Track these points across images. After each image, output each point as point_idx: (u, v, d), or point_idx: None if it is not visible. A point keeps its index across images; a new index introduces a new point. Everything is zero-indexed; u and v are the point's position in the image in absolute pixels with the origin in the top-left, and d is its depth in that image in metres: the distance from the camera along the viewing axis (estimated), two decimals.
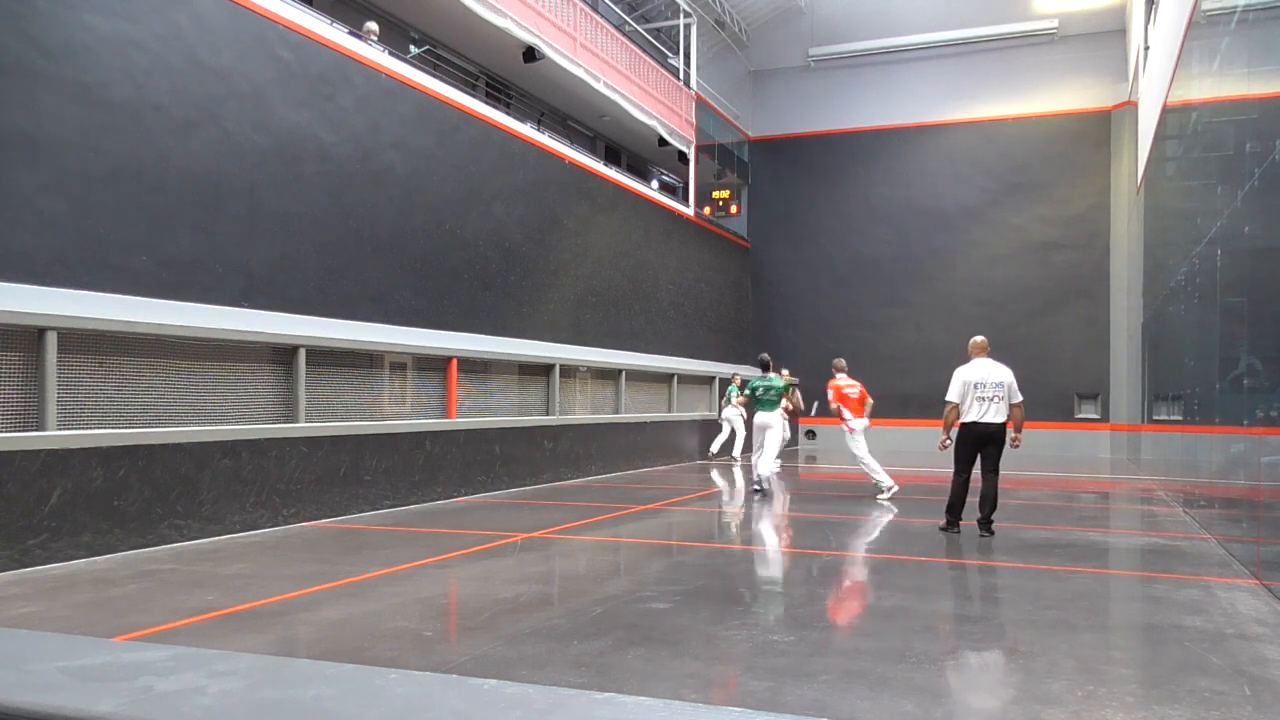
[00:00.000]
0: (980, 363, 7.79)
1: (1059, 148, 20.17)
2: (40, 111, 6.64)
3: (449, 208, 11.24)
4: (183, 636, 4.28)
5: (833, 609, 4.98)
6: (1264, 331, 6.12)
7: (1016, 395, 7.68)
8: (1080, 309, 19.92)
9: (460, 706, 0.86)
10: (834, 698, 3.48)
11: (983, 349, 7.89)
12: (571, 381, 12.93)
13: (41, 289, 6.53)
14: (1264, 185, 5.91)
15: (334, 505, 8.22)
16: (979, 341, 7.95)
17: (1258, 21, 6.49)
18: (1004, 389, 7.62)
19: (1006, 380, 7.66)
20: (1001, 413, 7.61)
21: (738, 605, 5.28)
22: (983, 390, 7.62)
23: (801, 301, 22.29)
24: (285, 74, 8.82)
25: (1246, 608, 5.10)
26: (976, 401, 7.64)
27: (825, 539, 7.99)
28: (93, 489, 6.12)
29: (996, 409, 7.60)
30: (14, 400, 5.92)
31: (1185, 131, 10.45)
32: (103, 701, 0.86)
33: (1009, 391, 7.63)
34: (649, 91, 17.58)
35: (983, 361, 7.80)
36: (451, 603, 5.36)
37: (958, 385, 7.74)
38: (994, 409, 7.60)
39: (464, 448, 10.09)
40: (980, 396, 7.63)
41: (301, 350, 8.03)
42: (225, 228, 8.13)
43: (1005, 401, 7.61)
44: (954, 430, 7.86)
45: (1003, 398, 7.60)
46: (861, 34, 21.81)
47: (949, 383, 7.85)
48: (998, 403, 7.60)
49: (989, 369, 7.72)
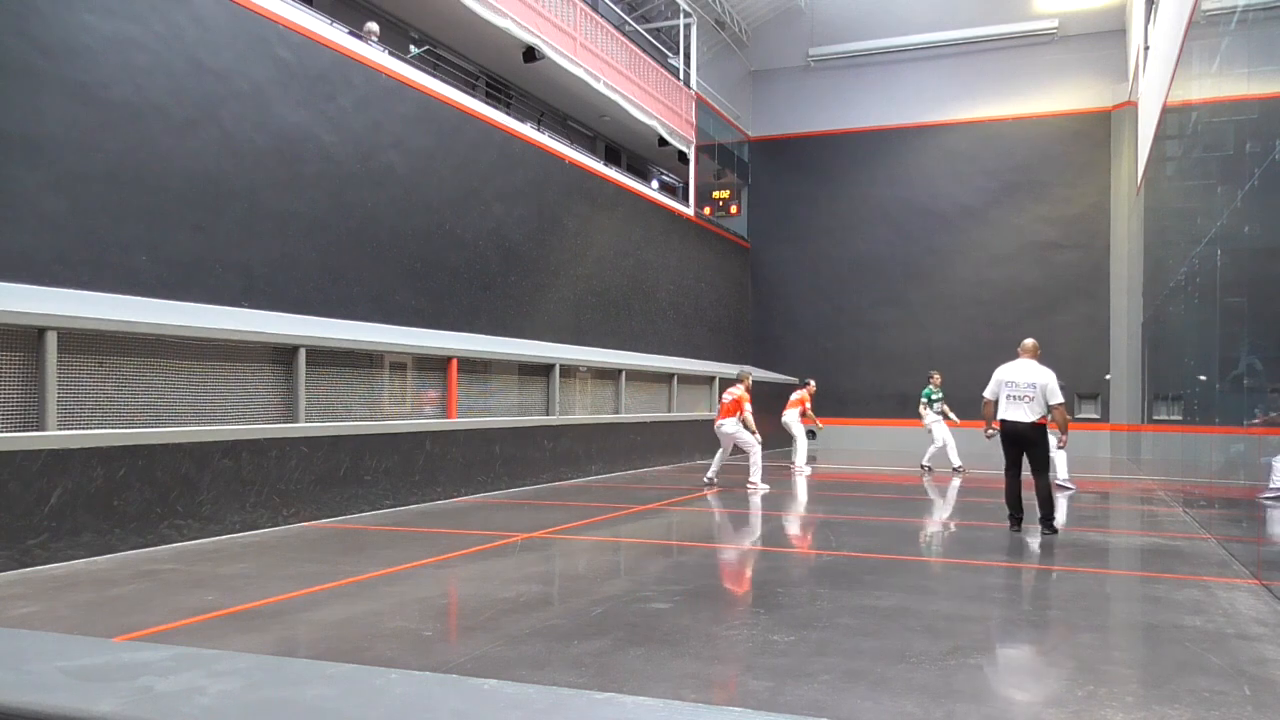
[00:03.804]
0: (1020, 362, 7.93)
1: (1059, 148, 20.17)
2: (40, 111, 6.65)
3: (449, 208, 11.24)
4: (183, 636, 4.27)
5: (833, 609, 4.98)
6: (1264, 331, 6.12)
7: (1055, 397, 7.73)
8: (1080, 309, 19.92)
9: (460, 706, 0.86)
10: (834, 698, 3.48)
11: (1030, 351, 8.03)
12: (571, 381, 12.93)
13: (41, 289, 6.53)
14: (1264, 185, 5.91)
15: (334, 505, 8.22)
16: (1028, 344, 8.10)
17: (1258, 21, 6.49)
18: (1036, 390, 7.70)
19: (1040, 381, 7.73)
20: (1032, 413, 7.70)
21: (738, 605, 5.28)
22: (1013, 389, 7.76)
23: (801, 301, 22.29)
24: (285, 74, 8.82)
25: (1246, 608, 5.10)
26: (1007, 400, 7.79)
27: (825, 539, 7.99)
28: (93, 489, 6.12)
29: (1027, 409, 7.70)
30: (14, 400, 5.92)
31: (1185, 131, 10.45)
32: (103, 701, 0.86)
33: (1042, 393, 7.70)
34: (649, 91, 17.58)
35: (1023, 361, 7.93)
36: (451, 603, 5.36)
37: (993, 382, 7.93)
38: (1024, 408, 7.71)
39: (464, 448, 10.09)
40: (1011, 395, 7.77)
41: (301, 350, 8.03)
42: (225, 228, 8.13)
43: (1037, 402, 7.70)
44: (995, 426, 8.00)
45: (1034, 398, 7.69)
46: (861, 34, 21.81)
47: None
48: (1028, 403, 7.70)
49: (1025, 369, 7.84)
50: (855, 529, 8.40)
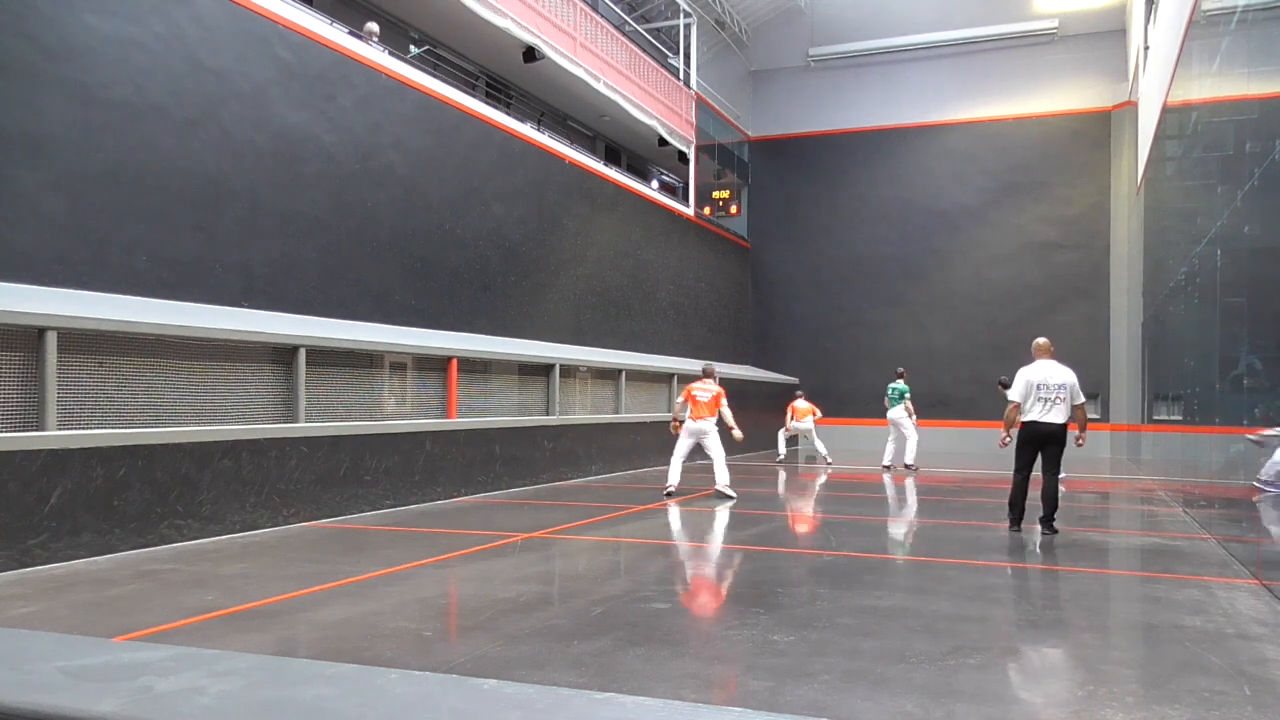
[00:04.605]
0: (1044, 363, 7.90)
1: (1059, 148, 20.17)
2: (40, 111, 6.65)
3: (449, 208, 11.24)
4: (183, 636, 4.27)
5: (832, 609, 4.98)
6: (1264, 331, 6.12)
7: (1079, 396, 7.78)
8: (1080, 309, 19.92)
9: (460, 706, 0.86)
10: (834, 698, 3.48)
11: (1046, 350, 8.00)
12: (571, 381, 12.92)
13: (41, 289, 6.53)
14: (1264, 185, 5.91)
15: (334, 505, 8.22)
16: (1042, 343, 8.06)
17: (1257, 21, 6.49)
18: (1066, 390, 7.71)
19: (1069, 382, 7.75)
20: (1063, 414, 7.71)
21: (737, 605, 5.28)
22: (1045, 391, 7.73)
23: (801, 301, 22.29)
24: (285, 74, 8.82)
25: (1246, 608, 5.10)
26: (1039, 402, 7.75)
27: (825, 539, 7.99)
28: (93, 489, 6.12)
29: (1059, 410, 7.70)
30: (14, 400, 5.92)
31: (1185, 131, 10.45)
32: (103, 701, 0.86)
33: (1071, 393, 7.72)
34: (649, 91, 17.58)
35: (1046, 363, 7.90)
36: (451, 603, 5.36)
37: (1020, 385, 7.84)
38: (1056, 410, 7.70)
39: (464, 448, 10.09)
40: (1042, 397, 7.74)
41: (301, 350, 8.03)
42: (225, 228, 8.13)
43: (1067, 403, 7.71)
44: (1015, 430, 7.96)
45: (1064, 399, 7.70)
46: (861, 34, 21.81)
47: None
48: (1060, 404, 7.70)
49: (1052, 370, 7.82)
50: (855, 529, 8.40)
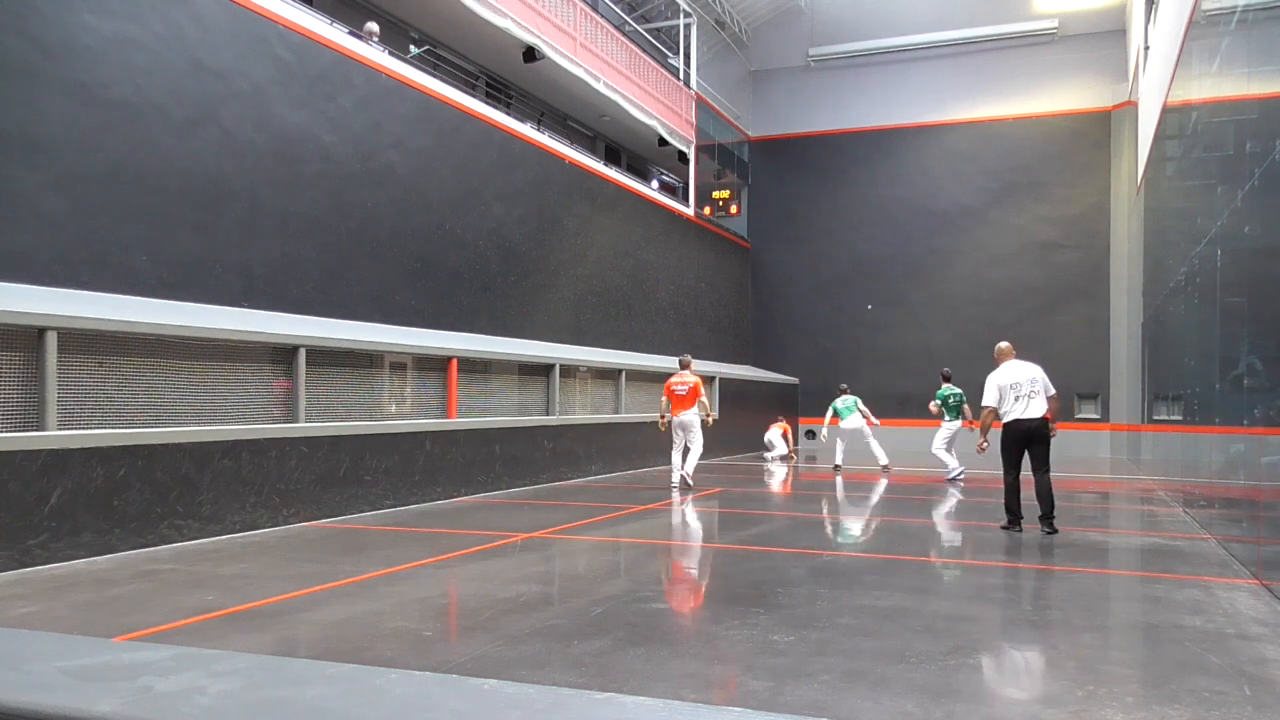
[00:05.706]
0: (1011, 364, 8.05)
1: (1059, 148, 20.18)
2: (40, 111, 6.65)
3: (449, 208, 11.24)
4: (183, 636, 4.27)
5: (832, 609, 4.98)
6: (1264, 331, 6.11)
7: (1050, 388, 7.93)
8: (1080, 309, 19.93)
9: (460, 706, 0.86)
10: (834, 698, 3.48)
11: (1010, 353, 8.18)
12: (571, 381, 12.92)
13: (41, 289, 6.53)
14: (1264, 185, 5.91)
15: (334, 505, 8.22)
16: (1004, 347, 8.25)
17: (1258, 21, 6.49)
18: (1038, 384, 7.86)
19: (1039, 376, 7.91)
20: (1041, 407, 7.83)
21: (738, 605, 5.27)
22: (1019, 389, 7.86)
23: (801, 301, 22.30)
24: (285, 74, 8.82)
25: (1246, 608, 5.10)
26: (1017, 400, 7.86)
27: (825, 539, 7.99)
28: (93, 489, 6.12)
29: (1037, 403, 7.82)
30: (14, 400, 5.92)
31: (1185, 131, 10.44)
32: (103, 701, 0.86)
33: (1043, 386, 7.87)
34: (649, 91, 17.58)
35: (1013, 363, 8.06)
36: (451, 603, 5.36)
37: (993, 390, 7.96)
38: (1034, 404, 7.82)
39: (464, 448, 10.09)
40: (1018, 395, 7.85)
41: (301, 350, 8.03)
42: (225, 228, 8.13)
43: (1042, 395, 7.84)
44: (993, 432, 8.10)
45: (1039, 393, 7.83)
46: (861, 34, 21.82)
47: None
48: (1036, 398, 7.83)
49: (1022, 368, 7.97)
50: (855, 529, 8.40)
